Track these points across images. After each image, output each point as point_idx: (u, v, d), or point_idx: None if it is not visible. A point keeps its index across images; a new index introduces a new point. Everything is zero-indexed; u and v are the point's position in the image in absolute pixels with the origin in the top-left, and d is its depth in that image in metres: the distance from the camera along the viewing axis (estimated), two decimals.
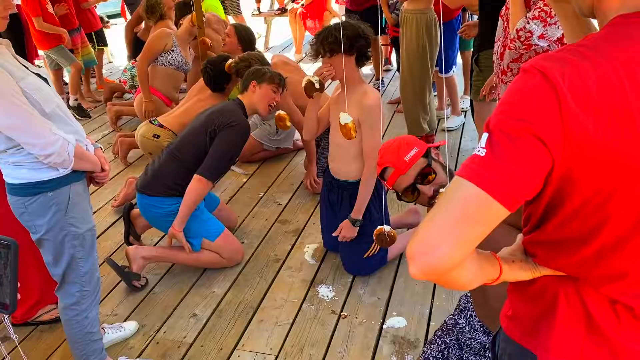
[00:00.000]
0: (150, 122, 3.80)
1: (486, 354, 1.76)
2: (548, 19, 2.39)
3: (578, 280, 0.97)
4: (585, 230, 0.90)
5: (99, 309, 2.23)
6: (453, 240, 0.82)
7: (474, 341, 1.79)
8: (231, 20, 6.85)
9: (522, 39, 2.46)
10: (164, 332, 2.57)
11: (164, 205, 2.84)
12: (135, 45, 5.44)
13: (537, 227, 0.96)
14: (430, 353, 1.89)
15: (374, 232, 2.05)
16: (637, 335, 0.98)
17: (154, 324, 2.62)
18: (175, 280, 2.95)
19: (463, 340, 1.81)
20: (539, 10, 2.40)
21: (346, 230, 2.74)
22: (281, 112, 3.03)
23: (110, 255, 3.11)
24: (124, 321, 2.63)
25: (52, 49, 5.08)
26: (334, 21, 7.00)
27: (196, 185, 2.75)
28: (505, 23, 2.72)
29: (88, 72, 5.84)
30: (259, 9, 8.08)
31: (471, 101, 3.60)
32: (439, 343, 1.88)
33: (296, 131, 4.35)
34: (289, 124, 3.10)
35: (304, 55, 7.18)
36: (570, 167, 0.83)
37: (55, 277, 2.09)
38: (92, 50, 5.73)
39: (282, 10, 7.71)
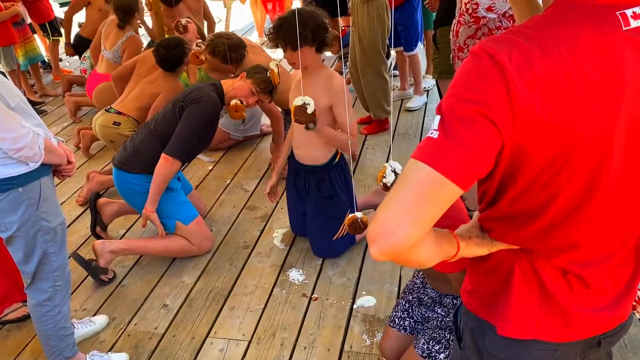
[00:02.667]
0: (107, 110, 3.73)
1: (436, 308, 1.93)
2: None
3: (532, 252, 1.01)
4: (536, 204, 0.94)
5: (70, 303, 2.21)
6: (410, 221, 0.84)
7: (425, 296, 1.96)
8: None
9: (469, 12, 2.49)
10: (135, 324, 2.56)
11: (141, 182, 2.82)
12: (77, 42, 5.32)
13: (491, 203, 1.00)
14: (396, 314, 2.02)
15: (346, 221, 2.07)
16: (587, 302, 1.04)
17: (124, 317, 2.61)
18: (144, 271, 2.93)
19: (419, 297, 1.98)
20: None
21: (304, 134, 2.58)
22: (237, 102, 2.95)
23: (77, 250, 3.07)
24: (94, 315, 2.60)
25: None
26: (295, 3, 6.96)
27: (163, 164, 2.73)
28: (459, 2, 2.75)
29: (36, 67, 5.59)
30: None
31: (437, 81, 3.65)
32: (403, 303, 2.02)
33: (262, 117, 4.34)
34: (244, 114, 3.07)
35: (265, 38, 7.11)
36: (519, 145, 0.86)
37: (26, 274, 2.05)
38: (42, 43, 5.56)
39: None
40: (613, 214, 0.96)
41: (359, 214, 2.04)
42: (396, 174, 1.87)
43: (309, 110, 2.27)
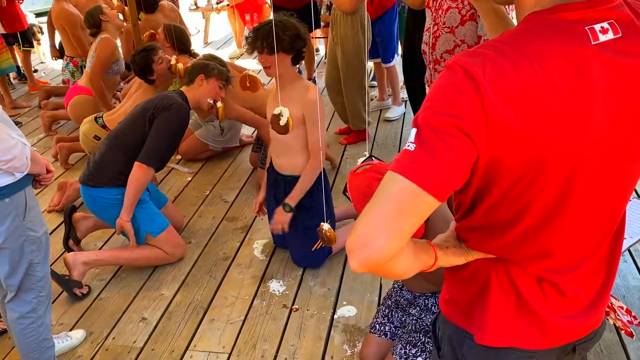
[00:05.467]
0: (96, 119, 3.70)
1: (410, 309, 1.99)
2: None
3: (507, 261, 1.03)
4: (510, 214, 0.96)
5: (51, 314, 2.19)
6: (389, 233, 0.85)
7: (401, 298, 2.01)
8: None
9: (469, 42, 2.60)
10: (113, 338, 2.53)
11: (108, 195, 2.81)
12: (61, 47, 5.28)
13: (467, 214, 1.01)
14: (377, 320, 2.06)
15: (318, 228, 2.08)
16: (562, 309, 1.06)
17: (102, 331, 2.57)
18: (122, 285, 2.89)
19: (397, 300, 2.02)
20: None
21: (279, 215, 2.74)
22: (248, 73, 2.86)
23: (51, 265, 3.01)
24: (70, 330, 2.56)
25: None
26: (272, 15, 6.98)
27: (136, 172, 2.73)
28: (433, 13, 2.78)
29: (5, 80, 5.44)
30: (196, 4, 7.94)
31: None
32: (383, 309, 2.06)
33: (242, 128, 4.34)
34: (259, 86, 3.05)
35: (244, 48, 7.12)
36: (494, 156, 0.88)
37: (11, 287, 2.02)
38: (15, 53, 5.48)
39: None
40: (585, 222, 0.98)
41: (325, 226, 2.05)
42: None
43: (282, 122, 2.29)
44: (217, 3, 7.71)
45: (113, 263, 2.95)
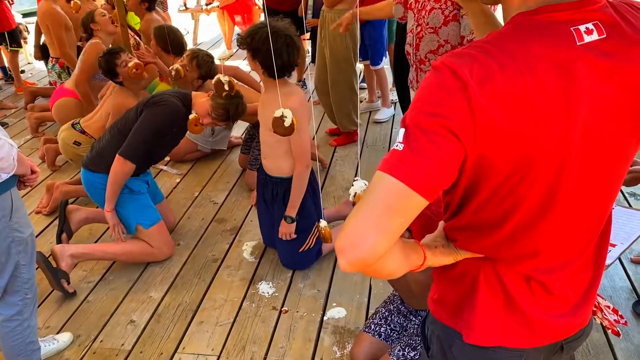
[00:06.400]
0: (73, 126, 3.67)
1: (412, 317, 2.02)
2: None
3: (495, 260, 1.03)
4: (498, 213, 0.96)
5: (37, 316, 2.16)
6: (378, 232, 0.85)
7: (402, 306, 2.04)
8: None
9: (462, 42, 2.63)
10: (101, 341, 2.50)
11: (105, 181, 2.81)
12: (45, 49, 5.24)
13: (455, 213, 1.02)
14: (373, 321, 2.06)
15: (314, 226, 2.12)
16: (550, 308, 1.07)
17: (89, 334, 2.55)
18: (110, 287, 2.87)
19: (398, 307, 2.04)
20: None
21: (283, 227, 2.77)
22: (196, 116, 2.92)
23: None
24: (57, 333, 2.53)
25: None
26: (263, 16, 6.98)
27: (115, 164, 2.75)
28: (416, 14, 2.81)
29: None
30: (185, 5, 7.92)
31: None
32: (383, 311, 2.06)
33: (232, 131, 4.32)
34: (203, 129, 3.10)
35: (234, 50, 7.11)
36: (481, 156, 0.88)
37: None
38: (2, 53, 5.43)
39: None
40: (572, 221, 0.99)
41: (322, 223, 2.07)
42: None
43: (286, 123, 2.30)
44: (207, 4, 7.70)
45: (100, 257, 2.95)
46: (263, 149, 2.79)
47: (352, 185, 1.82)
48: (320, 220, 2.10)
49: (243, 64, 6.15)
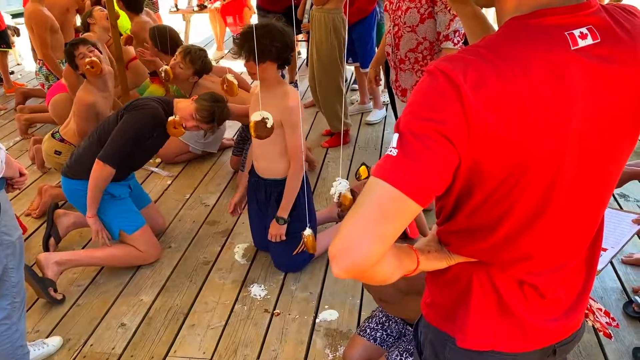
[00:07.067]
0: (52, 135, 3.63)
1: (395, 322, 2.02)
2: None
3: (489, 264, 1.03)
4: (492, 218, 0.96)
5: (26, 320, 2.14)
6: (372, 238, 0.85)
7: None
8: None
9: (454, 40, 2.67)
10: (91, 345, 2.48)
11: (84, 187, 2.78)
12: None
13: (449, 218, 1.02)
14: (369, 325, 2.04)
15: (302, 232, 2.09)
16: (543, 312, 1.07)
17: (79, 338, 2.52)
18: (100, 290, 2.84)
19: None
20: None
21: (274, 229, 2.76)
22: (175, 118, 2.86)
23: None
24: (47, 337, 2.51)
25: None
26: (254, 18, 6.96)
27: (95, 169, 2.73)
28: (392, 15, 2.87)
29: None
30: (176, 6, 7.88)
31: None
32: (380, 316, 2.04)
33: (224, 133, 4.30)
34: (183, 131, 3.00)
35: (225, 52, 7.09)
36: (475, 161, 0.88)
37: None
38: None
39: (201, 7, 7.55)
40: (566, 226, 0.99)
41: (307, 232, 2.05)
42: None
43: (269, 125, 2.28)
44: (198, 5, 7.67)
45: (88, 263, 2.92)
46: (256, 150, 2.78)
47: (332, 187, 1.78)
48: (306, 228, 2.08)
49: (234, 65, 6.13)
